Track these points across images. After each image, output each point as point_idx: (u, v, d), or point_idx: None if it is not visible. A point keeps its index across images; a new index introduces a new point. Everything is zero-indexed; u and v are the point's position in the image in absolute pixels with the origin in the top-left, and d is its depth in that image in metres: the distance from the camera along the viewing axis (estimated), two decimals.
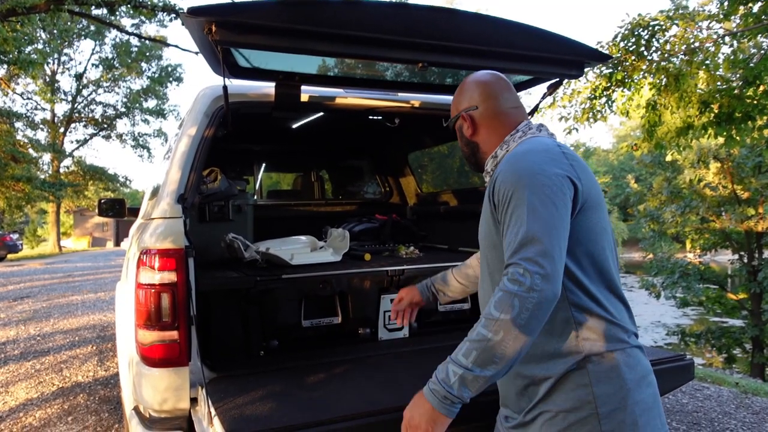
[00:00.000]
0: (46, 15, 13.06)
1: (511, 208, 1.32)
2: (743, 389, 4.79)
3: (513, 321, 1.20)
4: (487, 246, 1.50)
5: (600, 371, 1.35)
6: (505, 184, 1.35)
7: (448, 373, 1.26)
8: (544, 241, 1.25)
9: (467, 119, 1.60)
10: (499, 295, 1.23)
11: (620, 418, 1.33)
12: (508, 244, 1.29)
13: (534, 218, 1.27)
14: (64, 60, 33.43)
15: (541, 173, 1.33)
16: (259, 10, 1.76)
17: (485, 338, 1.22)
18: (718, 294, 15.16)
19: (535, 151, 1.41)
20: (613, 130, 52.74)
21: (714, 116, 7.20)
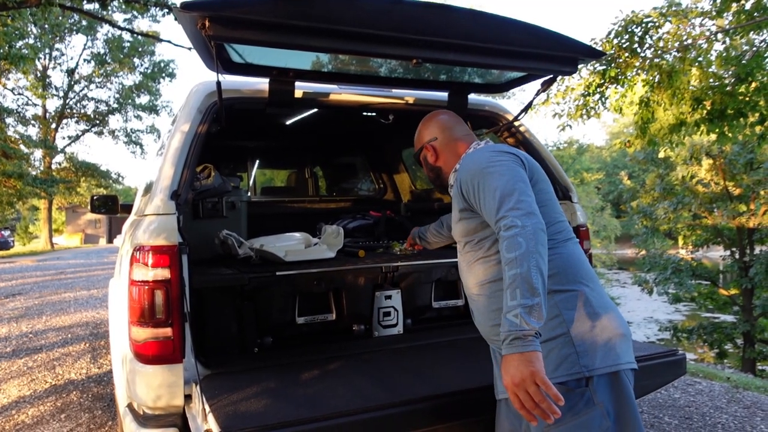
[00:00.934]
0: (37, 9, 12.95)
1: (481, 186, 1.59)
2: (734, 384, 4.83)
3: (527, 250, 1.39)
4: (464, 237, 1.76)
5: (567, 299, 1.59)
6: (470, 174, 1.65)
7: (510, 321, 1.36)
8: (515, 191, 1.51)
9: (430, 149, 1.94)
10: (506, 242, 1.43)
11: (591, 339, 1.55)
12: (490, 210, 1.53)
13: (502, 180, 1.54)
14: (55, 55, 33.17)
15: (494, 156, 1.66)
16: (252, 5, 1.75)
17: (517, 275, 1.38)
18: (710, 290, 15.26)
19: (483, 149, 1.78)
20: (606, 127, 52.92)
21: (706, 113, 7.24)
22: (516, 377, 1.33)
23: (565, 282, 1.61)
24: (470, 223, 1.71)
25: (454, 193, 1.77)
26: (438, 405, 1.86)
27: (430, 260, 2.84)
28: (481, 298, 1.70)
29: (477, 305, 1.75)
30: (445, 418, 1.87)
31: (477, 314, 1.77)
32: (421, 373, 2.09)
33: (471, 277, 1.74)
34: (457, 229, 1.79)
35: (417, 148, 2.00)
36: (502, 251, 1.44)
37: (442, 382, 2.00)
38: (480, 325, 1.77)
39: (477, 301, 1.74)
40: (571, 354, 1.53)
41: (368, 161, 4.79)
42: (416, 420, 1.84)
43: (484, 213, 1.59)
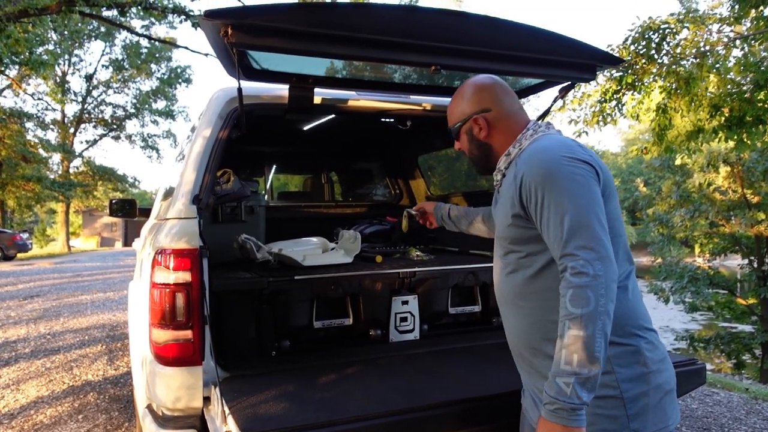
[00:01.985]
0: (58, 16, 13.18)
1: (547, 200, 1.35)
2: (753, 395, 4.76)
3: (594, 310, 1.24)
4: (510, 244, 1.54)
5: (623, 357, 1.40)
6: (535, 179, 1.39)
7: (559, 387, 1.25)
8: (591, 224, 1.30)
9: (481, 122, 1.62)
10: (571, 293, 1.26)
11: (644, 402, 1.38)
12: (555, 236, 1.33)
13: (575, 204, 1.32)
14: (74, 61, 33.76)
15: (568, 162, 1.37)
16: (274, 13, 1.78)
17: (579, 337, 1.23)
18: (728, 299, 15.06)
19: (554, 145, 1.45)
20: (622, 134, 52.58)
21: (725, 120, 7.18)
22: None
23: (622, 334, 1.41)
24: (522, 232, 1.48)
25: (507, 188, 1.53)
26: (455, 411, 1.86)
27: (447, 266, 2.85)
28: (518, 315, 1.54)
29: (511, 320, 1.58)
30: (462, 423, 1.87)
31: (510, 328, 1.60)
32: (437, 379, 2.09)
33: (508, 289, 1.56)
34: (503, 231, 1.55)
35: (458, 118, 1.67)
36: (565, 299, 1.27)
37: (459, 387, 2.00)
38: (514, 342, 1.60)
39: (511, 316, 1.58)
40: (621, 416, 1.38)
41: (384, 167, 4.81)
42: (433, 425, 1.84)
43: (544, 235, 1.38)
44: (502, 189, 1.61)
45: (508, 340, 1.64)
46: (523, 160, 1.47)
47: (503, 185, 1.59)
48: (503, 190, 1.58)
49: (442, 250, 3.71)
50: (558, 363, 1.26)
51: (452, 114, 1.70)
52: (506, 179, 1.57)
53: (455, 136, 1.71)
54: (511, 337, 1.60)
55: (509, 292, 1.56)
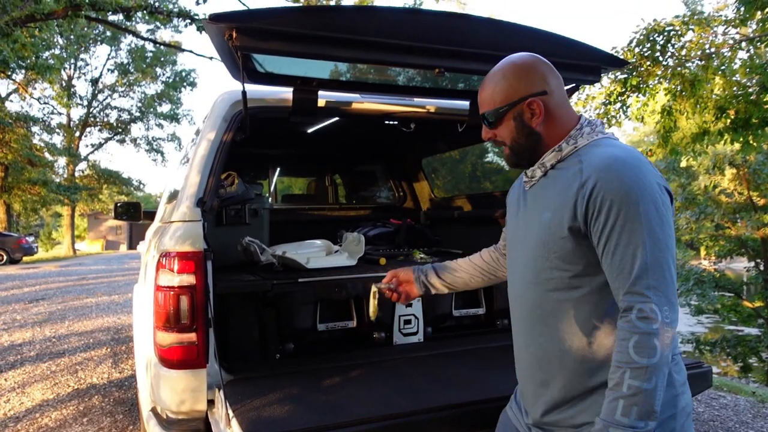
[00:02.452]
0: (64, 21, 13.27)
1: (620, 225, 1.20)
2: (760, 398, 4.73)
3: (660, 361, 1.15)
4: (553, 257, 1.33)
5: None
6: (611, 196, 1.21)
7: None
8: (666, 265, 1.19)
9: (537, 106, 1.36)
10: (636, 339, 1.16)
11: (671, 425, 1.31)
12: (621, 269, 1.20)
13: (653, 239, 1.19)
14: (80, 65, 33.94)
15: (652, 188, 1.22)
16: (278, 16, 1.79)
17: (640, 390, 1.15)
18: (734, 302, 14.97)
19: (635, 161, 1.25)
20: (627, 136, 52.44)
21: (730, 122, 7.15)
22: None
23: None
24: (579, 250, 1.29)
25: (559, 193, 1.32)
26: (459, 414, 1.85)
27: None
28: (549, 334, 1.37)
29: (537, 338, 1.40)
30: (466, 426, 1.87)
31: (536, 344, 1.41)
32: (441, 381, 2.08)
33: (540, 305, 1.38)
34: (551, 243, 1.32)
35: (506, 100, 1.38)
36: (627, 344, 1.16)
37: (463, 390, 1.99)
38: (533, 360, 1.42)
39: (537, 333, 1.40)
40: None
41: (388, 169, 4.81)
42: (437, 428, 1.84)
43: (605, 260, 1.24)
44: (542, 189, 1.40)
45: (521, 354, 1.49)
46: (595, 167, 1.26)
47: (545, 186, 1.40)
48: (548, 193, 1.37)
49: (447, 253, 3.71)
50: (612, 413, 1.17)
51: (496, 94, 1.40)
52: (553, 179, 1.37)
53: (494, 121, 1.41)
54: (532, 355, 1.43)
55: (542, 308, 1.37)
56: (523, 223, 1.46)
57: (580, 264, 1.29)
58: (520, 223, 1.49)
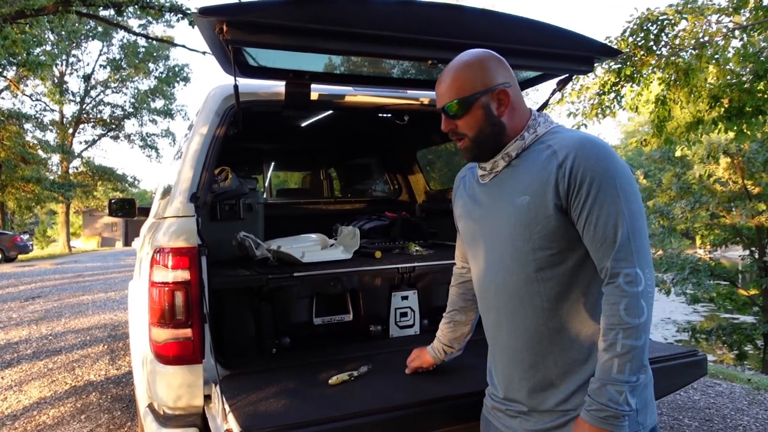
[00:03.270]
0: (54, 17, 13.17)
1: (601, 198, 1.28)
2: (755, 386, 4.76)
3: (647, 321, 1.26)
4: (535, 238, 1.36)
5: None
6: (591, 171, 1.29)
7: (611, 395, 1.25)
8: (644, 233, 1.30)
9: (504, 95, 1.41)
10: (627, 302, 1.25)
11: (645, 394, 1.39)
12: (603, 238, 1.29)
13: (630, 212, 1.29)
14: (72, 61, 33.73)
15: (623, 165, 1.33)
16: (269, 9, 1.77)
17: (633, 347, 1.25)
18: (729, 290, 15.07)
19: (602, 141, 1.36)
20: (621, 126, 52.52)
21: (724, 111, 7.16)
22: None
23: None
24: (561, 227, 1.35)
25: (533, 177, 1.37)
26: (456, 405, 1.85)
27: (447, 260, 2.84)
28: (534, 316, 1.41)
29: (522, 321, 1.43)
30: (463, 418, 1.87)
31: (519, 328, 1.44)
32: (438, 374, 2.09)
33: (524, 287, 1.40)
34: (533, 224, 1.36)
35: (474, 89, 1.40)
36: (618, 307, 1.25)
37: (460, 382, 1.99)
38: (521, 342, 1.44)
39: (520, 316, 1.42)
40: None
41: (382, 162, 4.80)
42: (434, 420, 1.84)
43: (587, 232, 1.31)
44: (509, 178, 1.44)
45: (501, 343, 1.51)
46: (570, 147, 1.32)
47: (511, 174, 1.43)
48: (519, 179, 1.41)
49: (442, 245, 3.71)
50: (609, 371, 1.26)
51: (464, 83, 1.41)
52: (519, 167, 1.42)
53: (459, 111, 1.42)
54: (516, 338, 1.45)
55: (527, 289, 1.40)
56: (488, 214, 1.50)
57: (564, 240, 1.35)
58: (481, 216, 1.52)
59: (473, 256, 1.59)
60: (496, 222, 1.46)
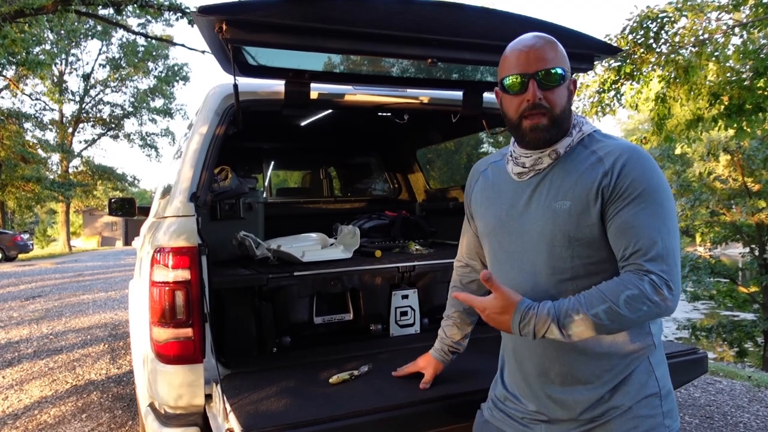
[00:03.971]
0: (54, 16, 13.16)
1: (643, 201, 1.25)
2: (756, 383, 4.76)
3: (629, 318, 1.22)
4: (576, 245, 1.32)
5: (657, 355, 1.40)
6: (639, 178, 1.26)
7: (544, 326, 1.24)
8: (678, 256, 1.27)
9: (574, 85, 1.42)
10: (635, 293, 1.21)
11: (671, 397, 1.40)
12: (643, 238, 1.24)
13: (669, 231, 1.26)
14: (71, 60, 33.69)
15: (666, 182, 1.32)
16: (268, 8, 1.77)
17: (599, 324, 1.22)
18: (729, 287, 15.08)
19: (647, 153, 1.33)
20: (621, 124, 52.48)
21: (724, 108, 7.16)
22: (492, 318, 1.31)
23: (659, 331, 1.43)
24: (602, 234, 1.31)
25: (577, 180, 1.32)
26: (456, 404, 1.86)
27: (447, 259, 2.84)
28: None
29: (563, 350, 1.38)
30: (464, 417, 1.87)
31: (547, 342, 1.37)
32: (438, 373, 2.09)
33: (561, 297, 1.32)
34: (574, 231, 1.31)
35: (566, 67, 1.36)
36: (623, 291, 1.21)
37: (460, 381, 1.99)
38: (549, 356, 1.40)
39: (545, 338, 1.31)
40: (657, 415, 1.37)
41: (382, 161, 4.80)
42: (435, 419, 1.84)
43: (623, 239, 1.27)
44: (551, 179, 1.37)
45: (530, 352, 1.45)
46: (617, 155, 1.30)
47: (554, 176, 1.37)
48: (562, 183, 1.35)
49: (442, 244, 3.71)
50: (566, 313, 1.23)
51: (562, 58, 1.37)
52: (562, 170, 1.36)
53: (562, 81, 1.34)
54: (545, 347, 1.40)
55: (556, 298, 1.32)
56: (520, 214, 1.42)
57: (605, 250, 1.32)
58: (513, 215, 1.44)
59: (495, 255, 1.52)
60: (531, 224, 1.39)
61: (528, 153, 1.41)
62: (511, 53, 1.38)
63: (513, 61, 1.36)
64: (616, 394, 1.35)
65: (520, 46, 1.37)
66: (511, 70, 1.36)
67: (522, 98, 1.35)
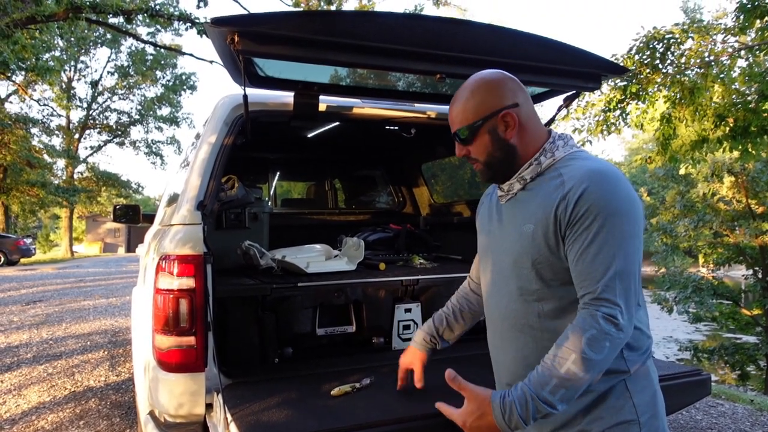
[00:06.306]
0: (64, 23, 13.27)
1: (595, 230, 1.25)
2: (758, 406, 4.72)
3: (602, 360, 1.22)
4: (540, 268, 1.35)
5: (637, 381, 1.37)
6: (595, 203, 1.26)
7: (528, 406, 1.23)
8: (634, 278, 1.27)
9: (511, 117, 1.39)
10: (593, 333, 1.22)
11: (655, 424, 1.36)
12: (592, 270, 1.25)
13: (626, 252, 1.25)
14: (80, 67, 33.96)
15: (634, 206, 1.29)
16: (281, 20, 1.79)
17: (576, 377, 1.21)
18: (732, 309, 14.96)
19: (613, 173, 1.31)
20: (626, 143, 52.55)
21: (729, 130, 7.17)
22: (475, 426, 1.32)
23: (643, 353, 1.39)
24: (561, 258, 1.33)
25: (538, 205, 1.36)
26: None
27: (450, 274, 2.84)
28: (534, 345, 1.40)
29: (522, 349, 1.43)
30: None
31: (518, 357, 1.44)
32: (440, 387, 2.08)
33: (527, 316, 1.39)
34: (537, 255, 1.35)
35: (478, 115, 1.40)
36: (581, 335, 1.22)
37: (461, 396, 1.98)
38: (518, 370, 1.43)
39: (522, 345, 1.42)
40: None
41: (388, 174, 4.82)
42: None
43: (575, 262, 1.28)
44: (521, 203, 1.42)
45: (504, 368, 1.53)
46: (578, 179, 1.30)
47: (524, 199, 1.41)
48: (528, 206, 1.39)
49: (446, 258, 3.71)
50: (542, 387, 1.23)
51: (467, 110, 1.42)
52: (531, 192, 1.40)
53: (468, 137, 1.43)
54: (516, 365, 1.45)
55: (527, 319, 1.39)
56: (500, 235, 1.49)
57: (566, 273, 1.32)
58: (495, 235, 1.52)
59: (483, 273, 1.59)
60: (505, 244, 1.45)
61: None
62: None
63: None
64: (587, 417, 1.34)
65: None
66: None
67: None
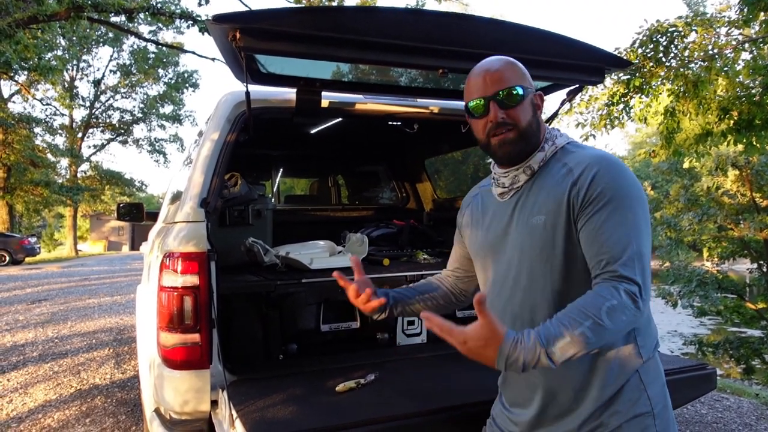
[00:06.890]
0: (66, 22, 13.28)
1: (610, 210, 1.26)
2: (764, 401, 4.71)
3: (614, 332, 1.21)
4: (563, 258, 1.34)
5: (649, 372, 1.38)
6: (608, 186, 1.28)
7: (534, 357, 1.15)
8: (646, 264, 1.26)
9: (541, 99, 1.46)
10: (614, 304, 1.19)
11: (666, 415, 1.39)
12: (609, 248, 1.24)
13: (644, 237, 1.27)
14: (82, 66, 33.97)
15: (640, 188, 1.32)
16: (282, 17, 1.79)
17: (587, 341, 1.16)
18: (737, 303, 14.92)
19: (624, 164, 1.35)
20: (629, 137, 52.39)
21: (733, 123, 7.14)
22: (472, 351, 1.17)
23: (652, 347, 1.42)
24: (577, 246, 1.33)
25: (548, 194, 1.36)
26: (463, 414, 1.85)
27: None
28: None
29: None
30: (470, 428, 1.86)
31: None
32: (445, 382, 2.08)
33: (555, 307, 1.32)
34: (558, 246, 1.33)
35: (527, 84, 1.41)
36: (603, 302, 1.19)
37: (467, 391, 1.99)
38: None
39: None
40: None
41: (391, 170, 4.81)
42: (441, 429, 1.84)
43: (595, 244, 1.27)
44: (526, 196, 1.42)
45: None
46: (586, 165, 1.32)
47: (529, 192, 1.41)
48: (537, 199, 1.39)
49: (449, 253, 3.70)
50: (553, 341, 1.15)
51: (518, 75, 1.41)
52: (537, 185, 1.40)
53: (523, 98, 1.39)
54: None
55: (539, 313, 1.36)
56: (506, 232, 1.45)
57: (580, 262, 1.33)
58: (497, 232, 1.48)
59: (483, 272, 1.55)
60: (513, 241, 1.43)
61: (505, 172, 1.46)
62: (471, 79, 1.44)
63: (473, 86, 1.43)
64: (606, 412, 1.34)
65: (478, 71, 1.43)
66: (473, 94, 1.42)
67: (486, 120, 1.40)
